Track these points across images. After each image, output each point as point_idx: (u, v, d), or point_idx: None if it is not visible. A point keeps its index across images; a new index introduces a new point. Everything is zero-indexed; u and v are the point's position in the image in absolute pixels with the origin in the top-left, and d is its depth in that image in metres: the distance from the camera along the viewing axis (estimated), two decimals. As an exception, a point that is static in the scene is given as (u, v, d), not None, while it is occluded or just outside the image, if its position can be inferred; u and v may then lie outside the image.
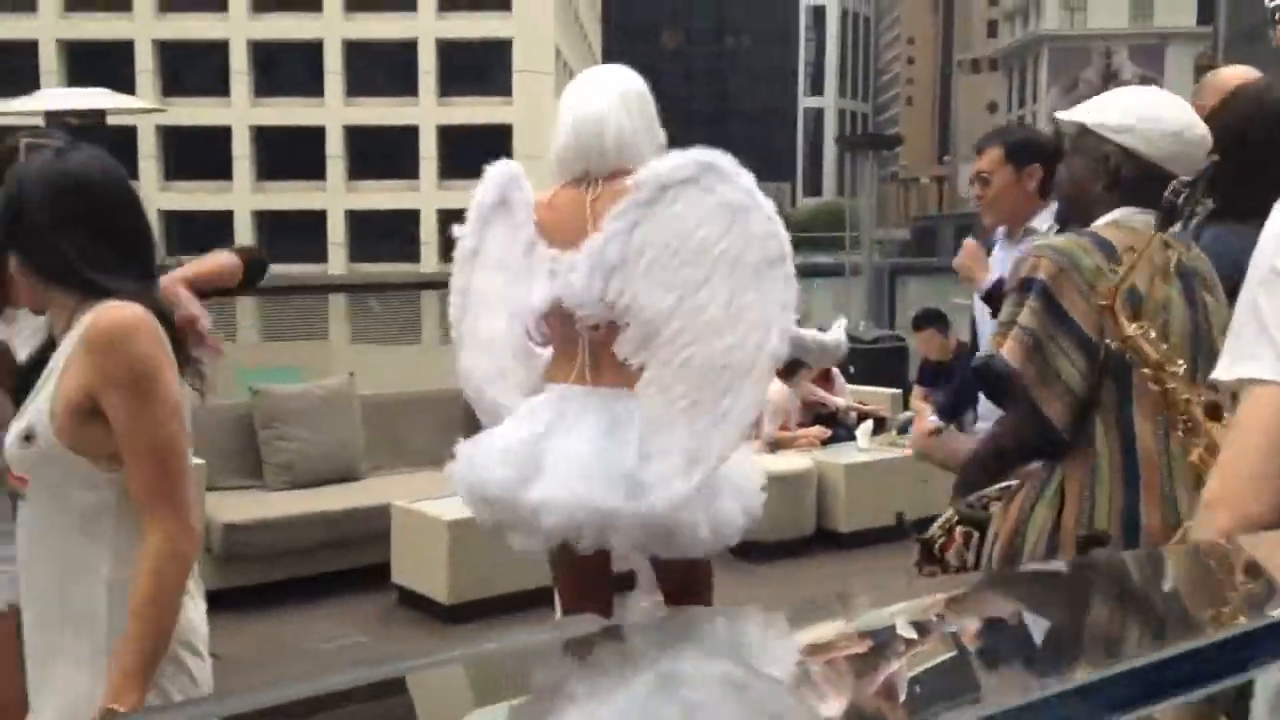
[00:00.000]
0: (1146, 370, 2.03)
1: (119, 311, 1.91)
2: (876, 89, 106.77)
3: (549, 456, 2.78)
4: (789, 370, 6.73)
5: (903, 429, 6.72)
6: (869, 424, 6.65)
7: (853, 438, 6.60)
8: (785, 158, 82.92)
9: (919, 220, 67.11)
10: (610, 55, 57.48)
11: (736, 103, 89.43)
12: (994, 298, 3.59)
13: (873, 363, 8.36)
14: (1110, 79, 48.52)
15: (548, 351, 3.04)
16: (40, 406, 1.93)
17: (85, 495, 1.92)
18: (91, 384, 1.89)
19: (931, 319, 6.71)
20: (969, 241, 3.71)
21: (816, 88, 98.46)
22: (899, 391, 7.55)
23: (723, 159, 2.79)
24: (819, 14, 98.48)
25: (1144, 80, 51.89)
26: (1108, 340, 2.12)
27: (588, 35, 54.15)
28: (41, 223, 1.92)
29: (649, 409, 2.78)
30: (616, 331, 2.82)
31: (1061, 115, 2.42)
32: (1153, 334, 2.04)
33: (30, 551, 2.00)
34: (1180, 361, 2.02)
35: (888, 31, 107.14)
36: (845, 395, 7.12)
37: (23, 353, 2.23)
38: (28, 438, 1.92)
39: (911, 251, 47.27)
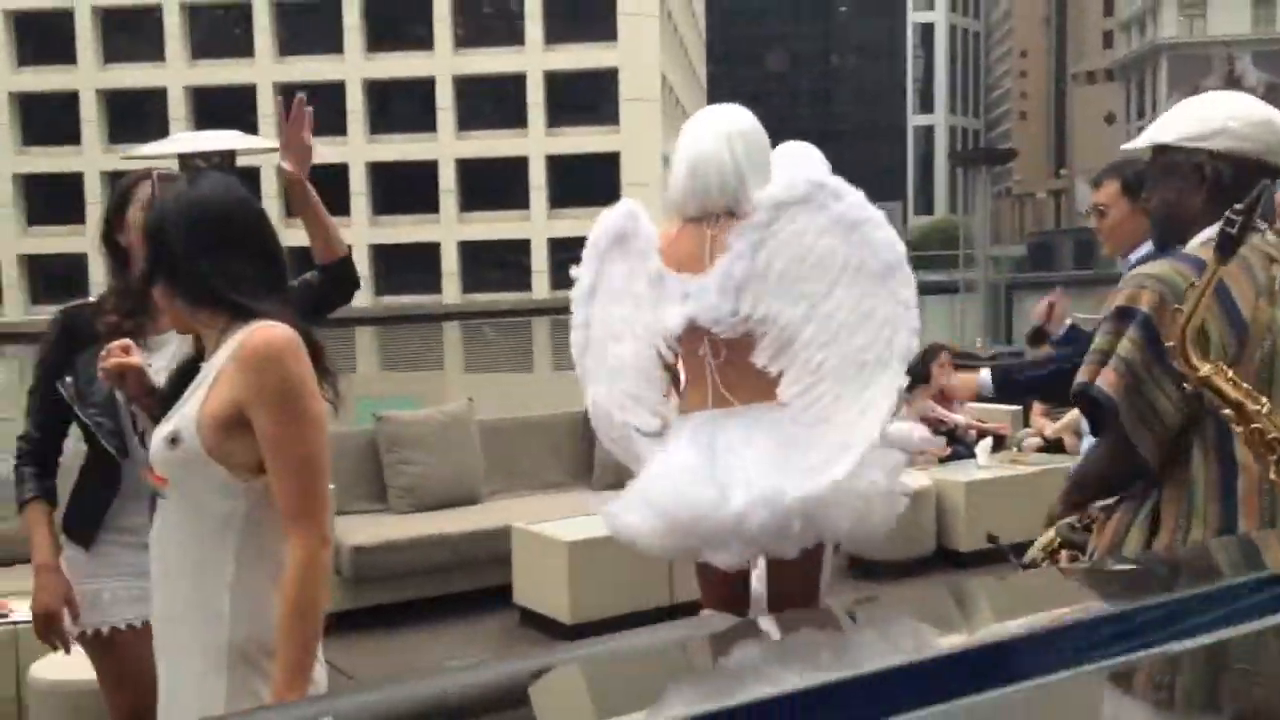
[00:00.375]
0: (1228, 411, 1.93)
1: (269, 331, 2.00)
2: (988, 104, 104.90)
3: (733, 471, 2.93)
4: (907, 388, 6.68)
5: (1022, 446, 6.60)
6: (989, 441, 6.56)
7: (972, 455, 6.52)
8: (895, 176, 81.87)
9: (1035, 235, 65.68)
10: (715, 79, 57.65)
11: (844, 122, 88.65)
12: (1005, 388, 3.85)
13: (991, 380, 8.21)
14: (1233, 85, 46.94)
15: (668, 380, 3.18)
16: (188, 414, 2.02)
17: (220, 502, 2.01)
18: (241, 399, 1.98)
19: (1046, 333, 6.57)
20: (921, 411, 4.04)
21: (926, 105, 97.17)
22: (1019, 409, 7.42)
23: (831, 177, 2.99)
24: (927, 31, 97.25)
25: (1270, 86, 50.16)
26: (1184, 385, 2.01)
27: (692, 61, 54.33)
28: (181, 249, 2.03)
29: (796, 412, 2.96)
30: (742, 350, 2.98)
31: (1130, 145, 2.36)
32: (1230, 372, 1.94)
33: (163, 552, 2.10)
34: (1264, 399, 1.93)
35: (998, 46, 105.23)
36: (964, 413, 7.03)
37: (160, 378, 2.35)
38: (173, 441, 2.02)
39: (1028, 267, 46.50)
